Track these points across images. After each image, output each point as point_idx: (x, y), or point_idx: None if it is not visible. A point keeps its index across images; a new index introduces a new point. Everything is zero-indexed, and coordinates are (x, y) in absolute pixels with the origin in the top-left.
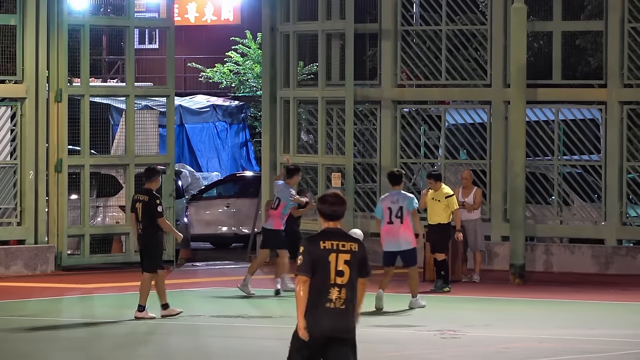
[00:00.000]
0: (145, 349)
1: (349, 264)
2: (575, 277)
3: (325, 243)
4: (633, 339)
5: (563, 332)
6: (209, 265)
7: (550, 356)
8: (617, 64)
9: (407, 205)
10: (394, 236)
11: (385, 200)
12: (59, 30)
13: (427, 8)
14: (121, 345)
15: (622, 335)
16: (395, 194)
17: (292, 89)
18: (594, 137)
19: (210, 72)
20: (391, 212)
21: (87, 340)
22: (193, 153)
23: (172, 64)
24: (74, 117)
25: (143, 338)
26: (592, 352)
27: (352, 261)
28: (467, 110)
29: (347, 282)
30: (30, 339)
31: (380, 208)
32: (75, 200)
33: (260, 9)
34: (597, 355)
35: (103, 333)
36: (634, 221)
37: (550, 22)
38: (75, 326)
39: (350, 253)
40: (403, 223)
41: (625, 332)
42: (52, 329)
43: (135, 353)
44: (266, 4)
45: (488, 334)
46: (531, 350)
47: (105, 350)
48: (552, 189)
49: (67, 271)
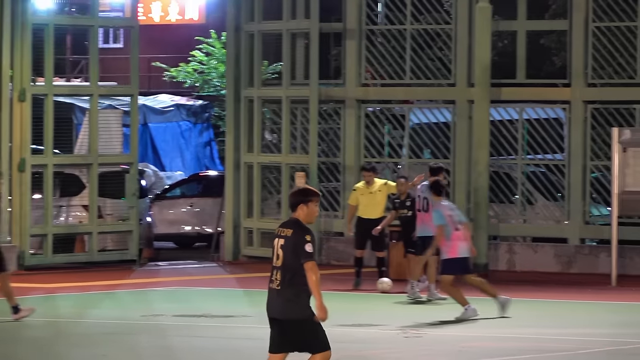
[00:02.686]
0: (108, 348)
1: (282, 248)
2: (538, 276)
3: (278, 230)
4: (595, 337)
5: (525, 330)
6: (172, 264)
7: (511, 355)
8: (581, 63)
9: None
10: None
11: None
12: (23, 30)
13: (392, 7)
14: (85, 345)
15: (584, 334)
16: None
17: (256, 89)
18: (558, 137)
19: (175, 72)
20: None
21: (50, 340)
22: (157, 152)
23: (136, 64)
24: (37, 117)
25: (107, 338)
26: (553, 350)
27: (286, 245)
28: (431, 109)
29: (280, 265)
30: None
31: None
32: (38, 199)
33: (225, 8)
34: (558, 354)
35: (66, 333)
36: (597, 220)
37: (515, 22)
38: (38, 326)
39: (284, 238)
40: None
41: (587, 331)
42: (14, 329)
43: (99, 353)
44: (231, 4)
45: (450, 333)
46: (492, 349)
47: (67, 350)
48: (516, 188)
49: (30, 271)
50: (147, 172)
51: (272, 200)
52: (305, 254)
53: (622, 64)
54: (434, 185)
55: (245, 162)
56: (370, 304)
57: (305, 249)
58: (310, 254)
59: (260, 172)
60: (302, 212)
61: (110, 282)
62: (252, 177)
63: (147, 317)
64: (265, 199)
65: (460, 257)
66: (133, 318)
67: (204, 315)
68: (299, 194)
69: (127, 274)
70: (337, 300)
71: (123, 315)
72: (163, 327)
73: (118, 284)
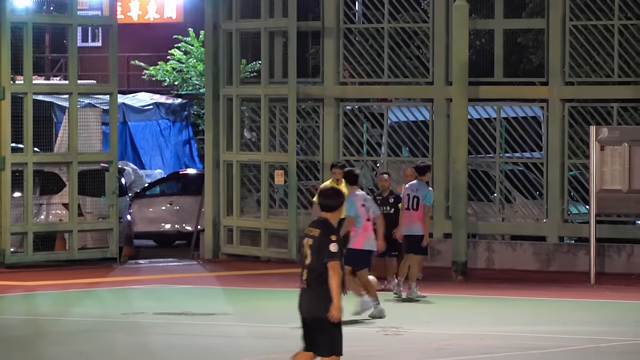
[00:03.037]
0: (88, 346)
1: (310, 247)
2: (517, 274)
3: (307, 230)
4: (573, 335)
5: (504, 328)
6: (152, 262)
7: (491, 353)
8: (559, 61)
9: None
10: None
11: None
12: (2, 28)
13: (370, 6)
14: (64, 342)
15: (562, 331)
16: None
17: (235, 87)
18: (536, 135)
19: (153, 70)
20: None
21: (30, 338)
22: (136, 151)
23: (115, 62)
24: (16, 115)
25: (86, 335)
26: (532, 348)
27: (313, 245)
28: (410, 107)
29: (309, 264)
30: None
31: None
32: (18, 197)
33: (203, 7)
34: (537, 352)
35: (46, 331)
36: (575, 218)
37: (492, 20)
38: (18, 324)
39: (312, 238)
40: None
41: (566, 329)
42: None
43: (77, 350)
44: (209, 2)
45: (430, 331)
46: (472, 347)
47: (46, 348)
48: (494, 186)
49: (10, 269)
50: (127, 170)
51: (252, 198)
52: (329, 253)
53: (600, 63)
54: (348, 175)
55: (225, 161)
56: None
57: (329, 249)
58: (333, 253)
59: (239, 170)
60: (336, 214)
61: (91, 280)
62: (231, 176)
63: (128, 315)
64: (245, 197)
65: (363, 249)
66: (113, 316)
67: (183, 313)
68: (338, 196)
69: (107, 272)
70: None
71: (103, 313)
72: (142, 325)
73: (98, 282)
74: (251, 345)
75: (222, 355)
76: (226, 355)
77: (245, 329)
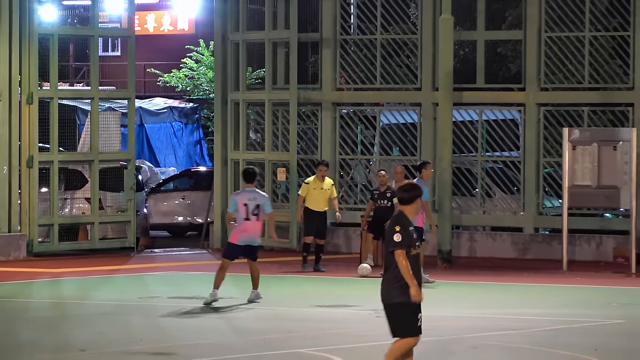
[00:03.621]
0: (107, 327)
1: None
2: (497, 262)
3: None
4: (548, 317)
5: (485, 310)
6: (166, 251)
7: (473, 333)
8: (535, 69)
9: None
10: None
11: (240, 196)
12: (30, 40)
13: (364, 19)
14: (86, 323)
15: (538, 314)
16: (251, 191)
17: (242, 92)
18: (514, 136)
19: (167, 77)
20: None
21: (56, 320)
22: (152, 150)
23: (133, 70)
24: (43, 118)
25: (106, 317)
26: (511, 329)
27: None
28: (400, 111)
29: (386, 254)
30: (3, 318)
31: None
32: (45, 193)
33: (212, 19)
34: (516, 332)
35: (70, 313)
36: (550, 211)
37: (475, 32)
38: (45, 307)
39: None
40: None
41: (541, 311)
42: (23, 311)
43: (98, 330)
44: (218, 15)
45: None
46: (457, 327)
47: (71, 328)
48: (476, 182)
49: (38, 257)
50: (144, 168)
51: None
52: (392, 243)
53: (572, 70)
54: (245, 173)
55: (232, 159)
56: (344, 287)
57: (393, 238)
58: (396, 242)
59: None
60: (413, 206)
61: (110, 267)
62: (238, 173)
63: (144, 298)
64: None
65: (237, 244)
66: (130, 300)
67: (194, 297)
68: (413, 189)
69: (125, 260)
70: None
71: (121, 297)
72: (157, 307)
73: (117, 269)
74: (256, 325)
75: (229, 335)
76: (233, 334)
77: (249, 311)
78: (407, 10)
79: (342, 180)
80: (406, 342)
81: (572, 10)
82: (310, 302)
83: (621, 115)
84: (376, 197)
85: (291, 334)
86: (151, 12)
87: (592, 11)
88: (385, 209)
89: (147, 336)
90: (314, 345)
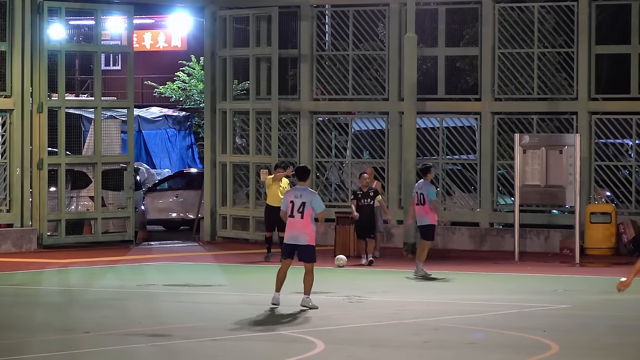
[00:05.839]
0: (110, 311)
1: None
2: (456, 253)
3: None
4: (502, 302)
5: (446, 296)
6: (161, 244)
7: (435, 316)
8: (490, 82)
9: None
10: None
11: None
12: (41, 55)
13: (337, 37)
14: (91, 308)
15: (493, 299)
16: (299, 189)
17: (229, 102)
18: (471, 141)
19: (163, 89)
20: (293, 206)
21: (64, 305)
22: (149, 154)
23: (132, 82)
24: (52, 125)
25: (108, 302)
26: (469, 313)
27: None
28: (370, 119)
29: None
30: (17, 303)
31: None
32: (53, 191)
33: (203, 37)
34: (474, 316)
35: (76, 299)
36: (503, 208)
37: (436, 48)
38: (54, 293)
39: None
40: (303, 218)
41: (496, 297)
42: (35, 296)
43: (101, 314)
44: (208, 34)
45: (387, 299)
46: (421, 311)
47: (77, 312)
48: (438, 182)
49: (47, 249)
50: (141, 169)
51: (242, 192)
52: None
53: (522, 82)
54: (297, 170)
55: (220, 162)
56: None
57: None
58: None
59: (232, 169)
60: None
61: (112, 258)
62: (225, 174)
63: (142, 286)
64: (236, 191)
65: (285, 242)
66: (130, 287)
67: (187, 284)
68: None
69: (125, 251)
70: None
71: (122, 285)
72: (154, 294)
73: (118, 259)
74: (242, 310)
75: (218, 318)
76: (221, 318)
77: (237, 297)
78: (376, 29)
79: (318, 180)
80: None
81: (523, 29)
82: (291, 290)
83: (566, 122)
84: (360, 196)
85: (273, 317)
86: (148, 31)
87: (540, 30)
88: (369, 207)
89: (145, 319)
90: (294, 327)
